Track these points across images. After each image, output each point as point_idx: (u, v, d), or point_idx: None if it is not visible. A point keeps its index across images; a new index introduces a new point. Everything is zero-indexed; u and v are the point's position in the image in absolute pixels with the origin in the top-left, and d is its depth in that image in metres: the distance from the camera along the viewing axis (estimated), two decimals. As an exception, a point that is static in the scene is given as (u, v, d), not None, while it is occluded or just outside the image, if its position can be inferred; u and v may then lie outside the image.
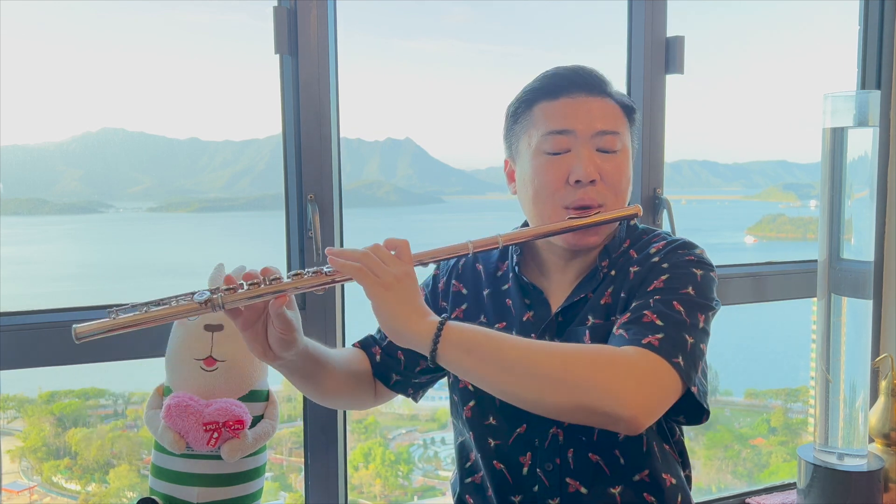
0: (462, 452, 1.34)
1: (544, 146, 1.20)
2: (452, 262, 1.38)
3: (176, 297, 1.02)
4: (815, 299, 2.01)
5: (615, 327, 1.14)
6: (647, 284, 1.16)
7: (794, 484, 1.99)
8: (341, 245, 1.78)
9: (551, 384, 1.01)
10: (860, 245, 1.87)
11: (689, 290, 1.14)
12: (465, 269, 1.36)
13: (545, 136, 1.20)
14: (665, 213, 2.02)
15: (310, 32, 1.68)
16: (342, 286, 1.79)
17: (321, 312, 1.73)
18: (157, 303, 1.02)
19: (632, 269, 1.20)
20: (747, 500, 2.13)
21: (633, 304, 1.15)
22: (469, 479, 1.32)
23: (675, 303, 1.12)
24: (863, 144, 1.84)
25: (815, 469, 1.85)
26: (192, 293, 1.02)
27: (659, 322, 1.09)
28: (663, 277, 1.15)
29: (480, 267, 1.35)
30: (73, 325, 0.98)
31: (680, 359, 1.06)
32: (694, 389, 1.10)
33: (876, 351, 2.26)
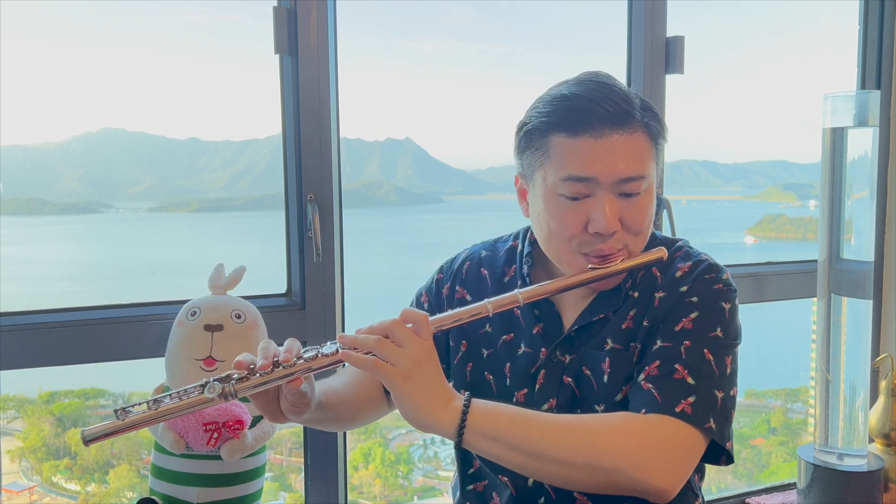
0: (465, 457, 1.30)
1: (561, 189, 1.11)
2: (456, 266, 1.33)
3: (185, 389, 1.00)
4: (815, 299, 2.01)
5: (642, 378, 1.10)
6: (673, 320, 1.12)
7: (794, 484, 1.99)
8: (340, 246, 1.78)
9: (583, 469, 1.02)
10: (860, 245, 1.87)
11: (718, 331, 1.12)
12: (470, 274, 1.31)
13: (563, 180, 1.10)
14: (665, 214, 2.02)
15: (310, 32, 1.68)
16: (342, 284, 1.80)
17: (321, 312, 1.73)
18: (169, 397, 1.00)
19: (657, 295, 1.16)
20: (747, 500, 2.13)
21: (660, 346, 1.11)
22: (471, 487, 1.28)
23: (705, 351, 1.10)
24: (863, 144, 1.84)
25: (815, 469, 1.85)
26: (203, 385, 0.99)
27: (691, 380, 1.08)
28: (692, 316, 1.12)
29: (486, 272, 1.29)
30: (82, 430, 0.99)
31: (712, 422, 1.07)
32: (728, 445, 1.10)
33: (876, 351, 2.26)
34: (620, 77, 2.02)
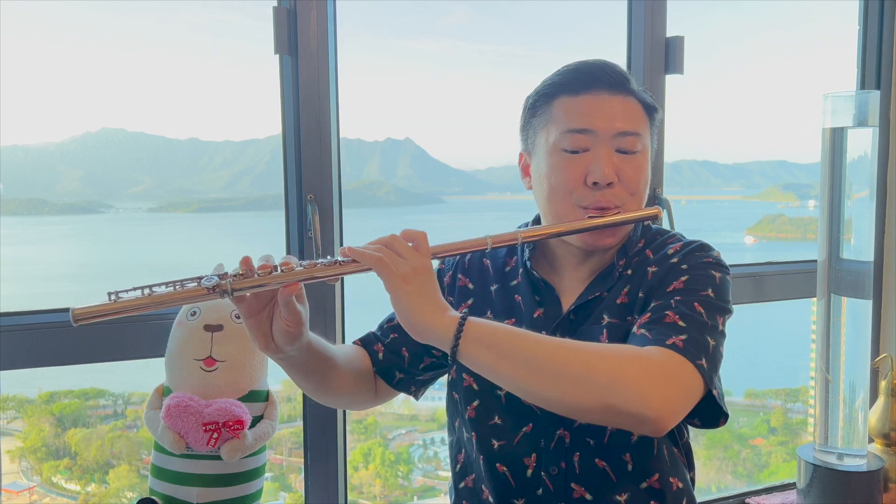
0: (452, 453, 1.32)
1: (563, 143, 1.18)
2: (458, 256, 1.35)
3: (181, 280, 0.98)
4: (814, 299, 2.01)
5: (635, 327, 1.12)
6: (666, 285, 1.15)
7: (794, 484, 1.99)
8: (340, 246, 1.78)
9: (576, 383, 1.00)
10: (860, 245, 1.87)
11: (709, 291, 1.14)
12: (472, 263, 1.33)
13: (564, 133, 1.18)
14: (665, 213, 2.02)
15: (310, 32, 1.68)
16: (342, 284, 1.80)
17: (321, 311, 1.73)
18: (162, 285, 0.98)
19: (650, 269, 1.19)
20: (747, 501, 2.13)
21: (653, 305, 1.13)
22: (462, 484, 1.29)
23: (696, 304, 1.11)
24: (862, 144, 1.84)
25: (814, 469, 1.85)
26: (200, 277, 0.98)
27: (681, 323, 1.08)
28: (683, 279, 1.15)
29: (488, 262, 1.32)
30: (71, 308, 0.94)
31: (703, 360, 1.06)
32: (715, 392, 1.10)
33: (876, 351, 2.26)
34: (620, 77, 2.03)
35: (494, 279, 1.30)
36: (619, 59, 2.02)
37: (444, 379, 1.36)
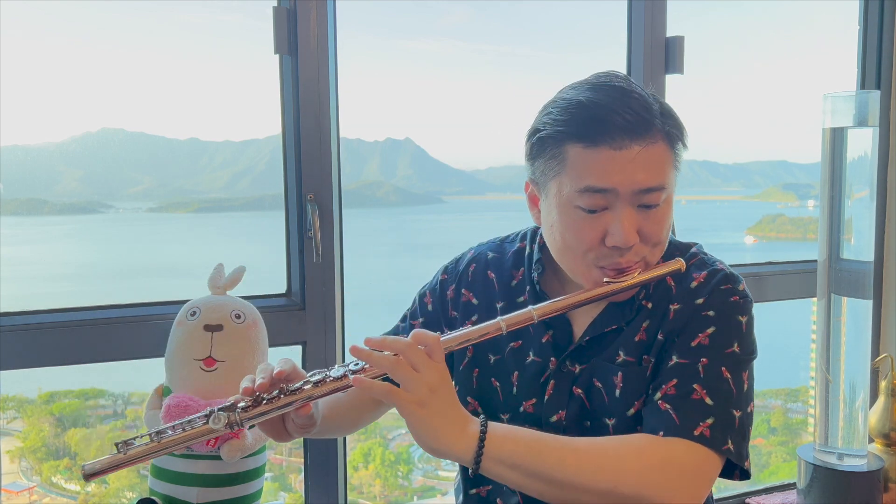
0: None
1: (578, 201, 1.06)
2: (462, 268, 1.29)
3: (189, 419, 0.98)
4: (815, 299, 2.01)
5: (659, 395, 1.08)
6: (689, 335, 1.09)
7: (794, 484, 1.99)
8: (340, 246, 1.78)
9: (601, 495, 0.99)
10: (860, 245, 1.87)
11: (735, 347, 1.09)
12: (476, 276, 1.27)
13: (581, 191, 1.05)
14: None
15: (310, 32, 1.68)
16: (342, 286, 1.80)
17: (321, 312, 1.73)
18: (172, 428, 0.97)
19: (672, 308, 1.12)
20: (747, 500, 2.13)
21: (677, 362, 1.08)
22: (474, 491, 1.26)
23: (723, 369, 1.07)
24: (862, 144, 1.84)
25: (815, 469, 1.85)
26: (207, 415, 0.96)
27: (709, 401, 1.05)
28: (709, 332, 1.09)
29: (493, 275, 1.25)
30: (83, 465, 0.95)
31: (730, 443, 1.05)
32: (746, 464, 1.08)
33: (876, 351, 2.26)
34: (620, 77, 2.03)
35: (500, 295, 1.23)
36: (619, 59, 2.03)
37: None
